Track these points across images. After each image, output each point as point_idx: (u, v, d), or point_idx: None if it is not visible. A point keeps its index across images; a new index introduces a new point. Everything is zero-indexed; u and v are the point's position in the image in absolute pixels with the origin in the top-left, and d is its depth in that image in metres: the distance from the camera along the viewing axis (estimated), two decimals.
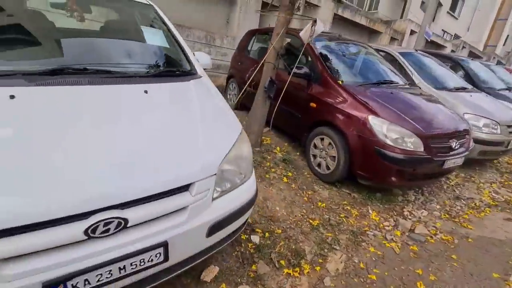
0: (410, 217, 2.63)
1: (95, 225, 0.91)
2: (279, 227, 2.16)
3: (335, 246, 2.08)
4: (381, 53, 4.89)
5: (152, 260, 1.04)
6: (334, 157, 2.76)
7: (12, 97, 1.10)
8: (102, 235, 0.93)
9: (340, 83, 2.86)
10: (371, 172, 2.57)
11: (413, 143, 2.42)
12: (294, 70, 3.05)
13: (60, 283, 0.87)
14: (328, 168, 2.87)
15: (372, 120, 2.48)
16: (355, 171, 2.64)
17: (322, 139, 2.92)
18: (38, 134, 1.01)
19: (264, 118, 3.18)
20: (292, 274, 1.77)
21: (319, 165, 3.00)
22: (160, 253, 1.05)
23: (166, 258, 1.08)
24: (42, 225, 0.85)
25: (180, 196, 1.10)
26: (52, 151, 0.97)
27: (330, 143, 2.81)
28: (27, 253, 0.83)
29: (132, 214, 0.98)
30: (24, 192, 0.85)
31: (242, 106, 4.51)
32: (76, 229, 0.89)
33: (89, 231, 0.90)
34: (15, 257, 0.82)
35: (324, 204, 2.56)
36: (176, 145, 1.19)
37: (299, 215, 2.36)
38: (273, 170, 2.90)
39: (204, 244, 1.24)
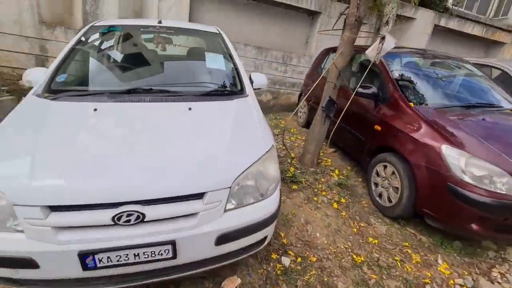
0: (500, 281, 2.00)
1: (120, 214, 1.13)
2: (315, 254, 2.04)
3: None
4: (492, 70, 4.01)
5: (161, 254, 1.20)
6: (397, 188, 2.41)
7: (95, 109, 1.50)
8: (124, 224, 1.14)
9: (412, 105, 2.51)
10: (442, 213, 2.11)
11: (505, 184, 1.87)
12: (360, 89, 2.86)
13: (90, 255, 1.12)
14: (390, 200, 2.52)
15: (446, 150, 2.06)
16: (421, 208, 2.23)
17: (385, 167, 2.60)
18: (102, 139, 1.35)
19: (322, 139, 3.07)
20: None
21: (380, 195, 2.66)
22: (168, 250, 1.20)
23: (174, 256, 1.22)
24: (85, 207, 1.12)
25: (192, 202, 1.23)
26: (105, 151, 1.28)
27: (393, 172, 2.47)
28: (72, 226, 1.11)
29: (150, 211, 1.16)
30: (79, 180, 1.15)
31: (309, 125, 4.46)
32: (107, 215, 1.12)
33: (115, 218, 1.13)
34: (64, 228, 1.11)
35: (376, 241, 2.25)
36: (199, 157, 1.34)
37: (342, 247, 2.15)
38: (324, 193, 2.75)
39: (212, 252, 1.32)
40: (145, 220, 1.16)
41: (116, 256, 1.15)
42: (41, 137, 1.31)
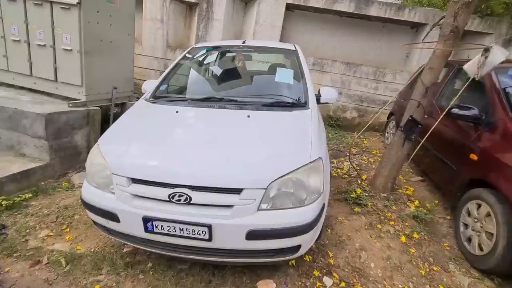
0: None
1: (174, 193, 1.41)
2: (364, 285, 1.85)
3: None
4: None
5: (199, 234, 1.41)
6: (492, 235, 1.91)
7: (177, 112, 1.91)
8: (176, 202, 1.41)
9: None
10: None
11: None
12: (456, 110, 2.43)
13: (150, 221, 1.44)
14: (480, 248, 2.02)
15: None
16: None
17: (479, 206, 2.11)
18: (175, 134, 1.72)
19: (400, 163, 2.72)
20: None
21: (469, 239, 2.16)
22: (205, 232, 1.40)
23: (209, 238, 1.41)
24: (153, 183, 1.45)
25: (230, 195, 1.40)
26: (175, 143, 1.62)
27: (489, 214, 1.98)
28: (142, 195, 1.46)
29: (195, 195, 1.40)
30: (153, 162, 1.52)
31: None
32: (166, 192, 1.42)
33: (170, 196, 1.41)
34: (137, 196, 1.47)
35: None
36: (243, 158, 1.51)
37: (400, 286, 1.87)
38: (391, 222, 2.44)
39: (243, 245, 1.43)
40: (191, 202, 1.40)
41: (167, 226, 1.43)
42: (137, 128, 1.78)
